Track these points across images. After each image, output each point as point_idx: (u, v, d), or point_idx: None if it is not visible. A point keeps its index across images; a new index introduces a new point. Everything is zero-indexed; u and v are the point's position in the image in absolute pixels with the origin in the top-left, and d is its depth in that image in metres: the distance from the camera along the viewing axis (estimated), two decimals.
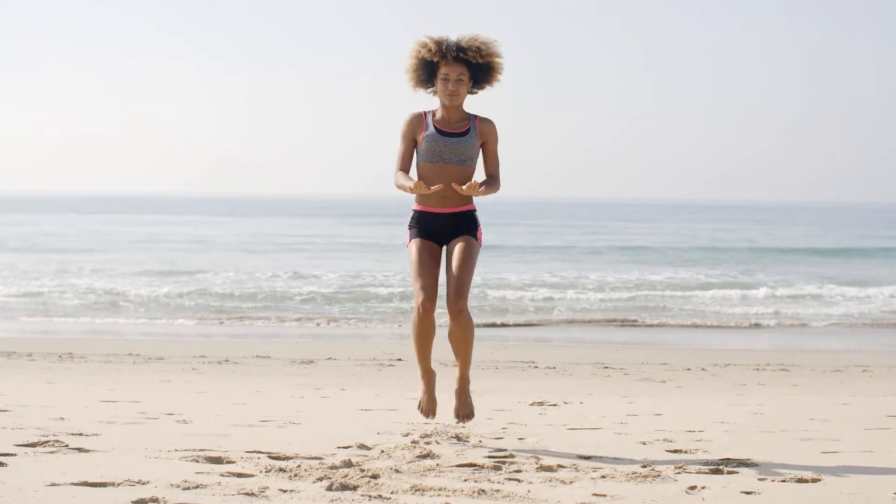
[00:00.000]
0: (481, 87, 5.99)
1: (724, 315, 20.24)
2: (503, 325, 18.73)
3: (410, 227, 6.01)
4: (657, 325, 18.88)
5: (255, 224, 66.10)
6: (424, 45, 5.88)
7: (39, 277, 25.51)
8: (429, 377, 6.13)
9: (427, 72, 5.92)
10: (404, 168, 5.93)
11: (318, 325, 18.56)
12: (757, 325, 19.02)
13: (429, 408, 6.14)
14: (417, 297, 5.87)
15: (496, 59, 5.94)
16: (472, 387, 9.03)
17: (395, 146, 5.98)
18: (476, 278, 20.96)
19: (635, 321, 19.24)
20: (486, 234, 6.62)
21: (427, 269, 5.88)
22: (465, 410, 6.13)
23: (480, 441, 6.00)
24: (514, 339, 16.48)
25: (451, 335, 5.96)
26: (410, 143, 5.93)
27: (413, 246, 5.94)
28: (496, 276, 26.40)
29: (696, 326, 18.86)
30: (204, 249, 39.10)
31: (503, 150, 6.05)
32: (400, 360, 12.20)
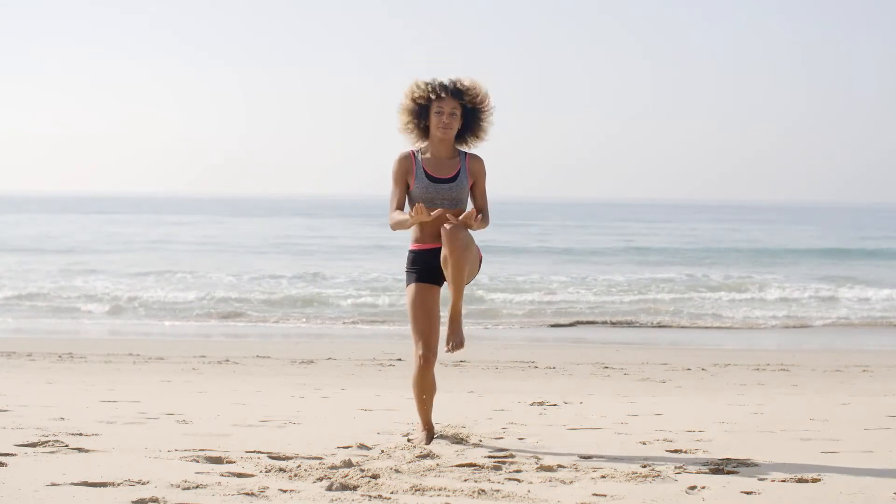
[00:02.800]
0: (468, 135, 5.91)
1: (725, 315, 20.23)
2: (503, 325, 18.72)
3: (409, 271, 5.90)
4: (657, 326, 18.88)
5: (256, 224, 66.10)
6: (417, 87, 5.87)
7: (39, 278, 25.51)
8: (429, 429, 6.00)
9: (420, 114, 5.87)
10: (399, 208, 5.86)
11: (307, 322, 18.57)
12: (757, 325, 19.02)
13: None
14: (416, 351, 5.78)
15: (487, 107, 5.90)
16: (472, 386, 9.04)
17: (388, 188, 5.92)
18: (476, 278, 20.96)
19: (636, 321, 19.23)
20: (489, 233, 6.58)
21: (427, 318, 5.78)
22: (455, 339, 5.94)
23: (480, 441, 6.00)
24: (514, 339, 16.48)
25: (443, 261, 5.67)
26: (403, 184, 5.86)
27: (412, 292, 5.83)
28: (496, 276, 26.40)
29: (696, 326, 18.86)
30: (205, 250, 39.10)
31: (505, 150, 6.03)
32: (400, 360, 12.20)
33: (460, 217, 5.67)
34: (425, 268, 5.85)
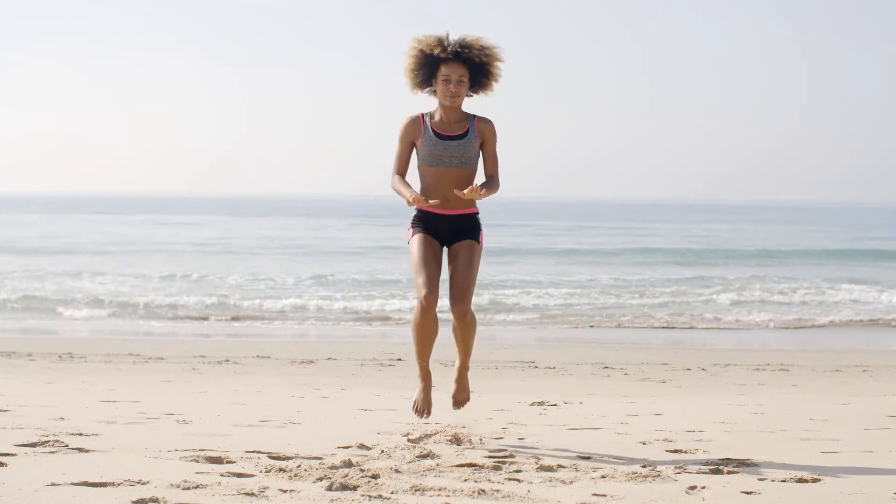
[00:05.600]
0: (477, 91, 5.96)
1: (725, 315, 20.21)
2: (504, 324, 18.72)
3: (413, 225, 5.98)
4: (657, 326, 18.87)
5: (258, 224, 66.08)
6: (424, 42, 5.85)
7: (40, 278, 25.51)
8: (426, 377, 6.07)
9: (427, 71, 5.88)
10: (401, 171, 5.90)
11: (307, 322, 18.57)
12: (757, 325, 19.02)
13: (423, 407, 6.07)
14: (419, 293, 5.82)
15: (497, 62, 5.93)
16: (472, 386, 9.03)
17: (393, 149, 5.96)
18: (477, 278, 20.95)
19: (636, 321, 19.23)
20: (490, 234, 6.59)
21: (428, 264, 5.84)
22: (462, 396, 6.12)
23: (480, 441, 6.00)
24: (514, 339, 16.48)
25: (454, 331, 5.93)
26: (408, 146, 5.91)
27: (415, 241, 5.90)
28: (496, 276, 26.39)
29: (696, 327, 18.86)
30: (206, 250, 39.09)
31: (504, 150, 6.04)
32: (400, 359, 12.20)
33: (466, 191, 5.68)
34: (430, 226, 5.93)
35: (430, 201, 5.75)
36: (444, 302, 5.99)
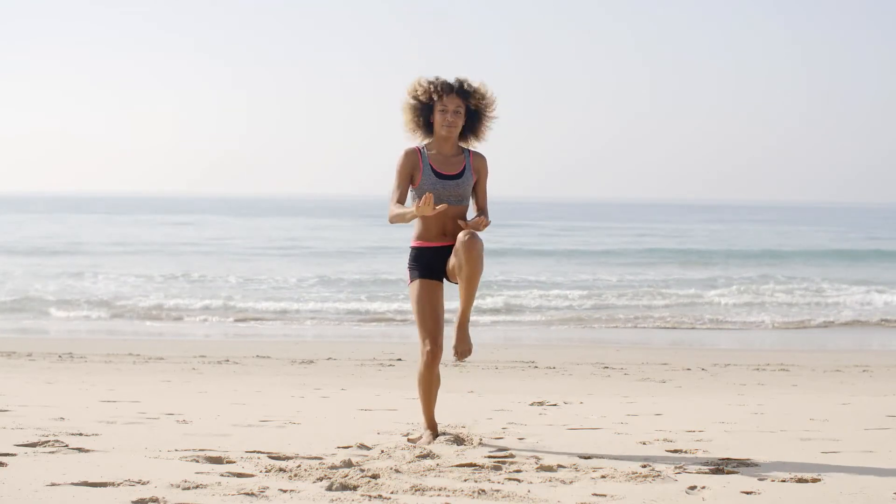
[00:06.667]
0: (469, 134, 5.94)
1: (725, 315, 20.22)
2: (505, 324, 18.72)
3: (411, 268, 5.90)
4: (657, 326, 18.87)
5: (258, 224, 66.07)
6: (419, 85, 5.86)
7: (41, 279, 25.50)
8: (434, 426, 6.00)
9: (423, 111, 5.88)
10: (400, 202, 5.84)
11: (307, 322, 18.57)
12: (757, 326, 19.02)
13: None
14: (423, 347, 5.80)
15: (492, 112, 5.93)
16: (472, 386, 9.05)
17: (391, 180, 5.89)
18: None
19: (636, 321, 19.22)
20: (490, 234, 6.54)
21: (433, 315, 5.80)
22: (463, 347, 5.97)
23: (480, 441, 6.00)
24: (514, 339, 16.48)
25: (458, 269, 5.69)
26: (407, 178, 5.86)
27: (416, 290, 5.84)
28: (496, 276, 26.39)
29: (696, 327, 18.86)
30: (205, 250, 39.09)
31: (505, 150, 6.03)
32: (400, 359, 12.20)
33: (471, 222, 5.67)
34: (428, 265, 5.86)
35: (437, 207, 5.67)
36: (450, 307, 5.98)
